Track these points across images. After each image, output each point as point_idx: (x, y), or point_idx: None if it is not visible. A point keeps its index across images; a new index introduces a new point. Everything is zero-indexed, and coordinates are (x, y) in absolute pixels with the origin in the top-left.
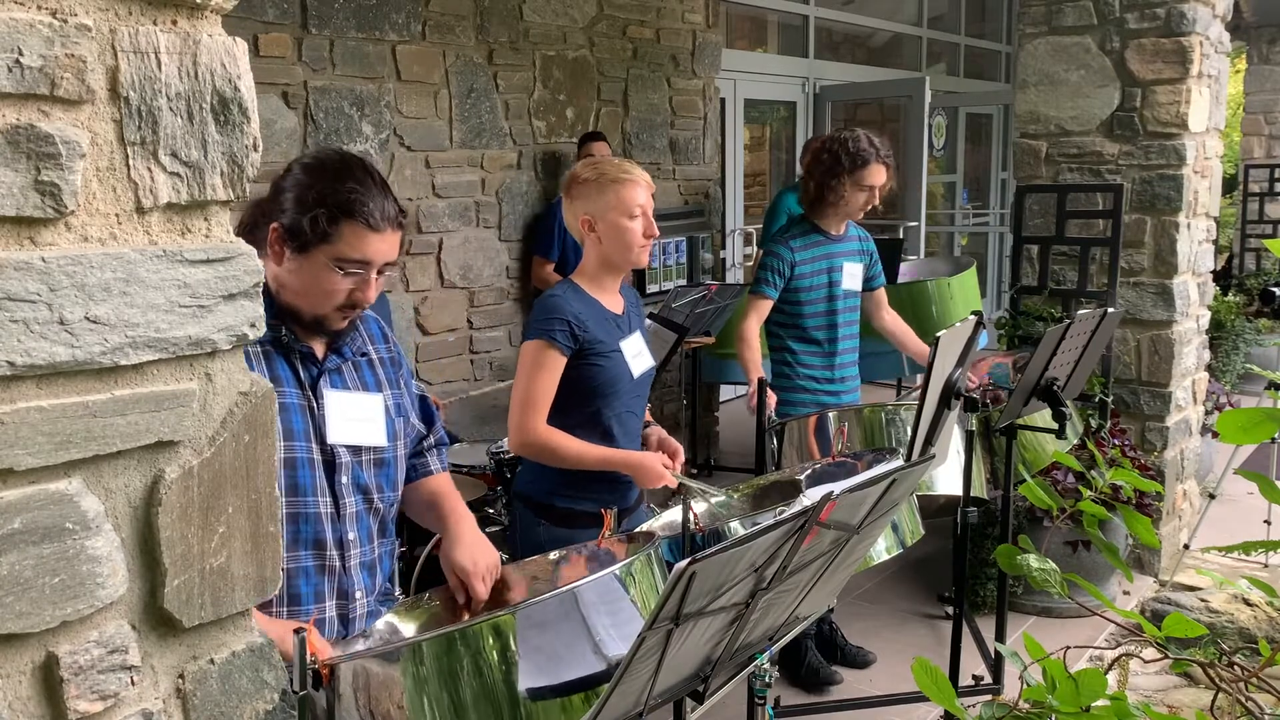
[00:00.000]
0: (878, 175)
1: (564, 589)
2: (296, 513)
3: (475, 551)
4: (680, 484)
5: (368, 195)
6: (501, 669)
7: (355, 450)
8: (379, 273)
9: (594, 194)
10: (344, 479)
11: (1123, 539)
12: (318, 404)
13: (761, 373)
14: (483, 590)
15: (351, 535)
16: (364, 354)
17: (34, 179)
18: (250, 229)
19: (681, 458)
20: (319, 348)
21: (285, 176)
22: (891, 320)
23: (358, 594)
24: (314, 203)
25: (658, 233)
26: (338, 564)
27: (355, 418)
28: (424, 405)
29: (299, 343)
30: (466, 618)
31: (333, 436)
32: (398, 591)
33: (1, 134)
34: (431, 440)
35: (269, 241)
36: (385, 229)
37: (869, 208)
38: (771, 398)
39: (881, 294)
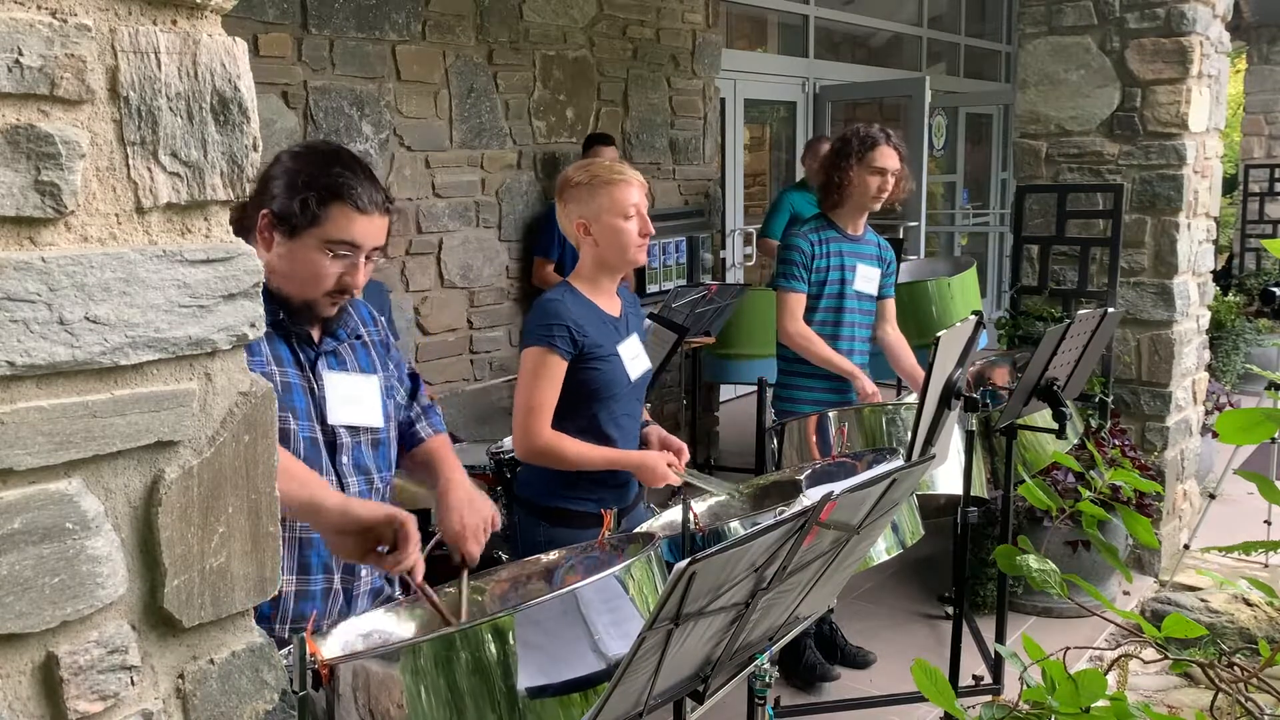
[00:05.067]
0: (888, 157)
1: (564, 590)
2: None
3: (463, 513)
4: (684, 482)
5: (355, 180)
6: (501, 669)
7: (354, 431)
8: (367, 258)
9: (587, 197)
10: (345, 459)
11: (1123, 539)
12: (317, 385)
13: (842, 361)
14: (475, 549)
15: None
16: (358, 336)
17: (34, 179)
18: (238, 222)
19: (686, 455)
20: (314, 331)
21: (273, 165)
22: (894, 335)
23: (363, 571)
24: (303, 187)
25: (653, 231)
26: None
27: (353, 399)
28: (411, 379)
29: (295, 325)
30: (465, 576)
31: (333, 417)
32: (398, 591)
33: (1, 134)
34: (417, 408)
35: (259, 228)
36: (373, 212)
37: (884, 195)
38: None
39: (889, 305)
